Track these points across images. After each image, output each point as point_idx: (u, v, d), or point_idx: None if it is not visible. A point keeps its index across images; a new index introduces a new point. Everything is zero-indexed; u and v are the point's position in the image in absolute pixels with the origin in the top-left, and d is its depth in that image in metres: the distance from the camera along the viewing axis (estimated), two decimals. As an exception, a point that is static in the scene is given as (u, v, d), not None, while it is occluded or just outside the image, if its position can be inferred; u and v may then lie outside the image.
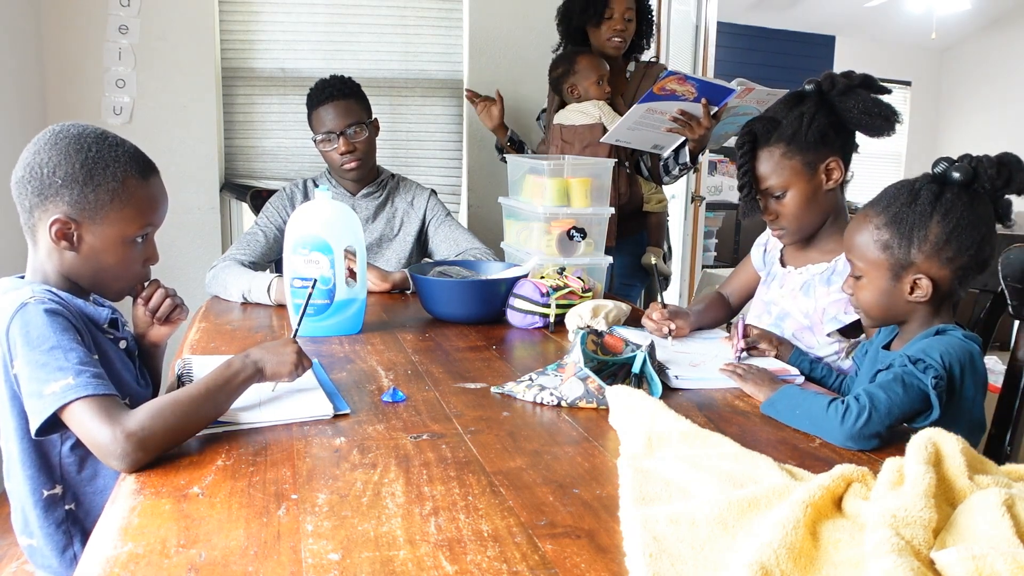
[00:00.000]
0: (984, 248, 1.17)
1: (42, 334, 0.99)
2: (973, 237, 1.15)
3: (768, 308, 1.63)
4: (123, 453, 0.91)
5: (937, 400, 1.08)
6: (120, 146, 1.14)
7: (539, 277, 1.73)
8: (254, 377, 1.09)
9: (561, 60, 2.45)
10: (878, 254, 1.20)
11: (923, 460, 0.83)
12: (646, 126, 2.20)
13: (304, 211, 1.60)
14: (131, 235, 1.15)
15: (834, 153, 1.48)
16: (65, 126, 1.12)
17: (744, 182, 1.51)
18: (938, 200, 1.16)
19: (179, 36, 2.85)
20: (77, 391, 0.94)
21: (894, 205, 1.19)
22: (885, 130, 1.46)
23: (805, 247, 1.58)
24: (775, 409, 1.16)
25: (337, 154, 2.08)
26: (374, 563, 0.73)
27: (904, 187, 1.21)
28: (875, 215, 1.21)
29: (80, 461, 1.13)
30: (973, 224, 1.15)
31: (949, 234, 1.15)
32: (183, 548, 0.75)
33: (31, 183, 1.09)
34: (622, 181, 2.40)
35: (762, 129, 1.50)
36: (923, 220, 1.16)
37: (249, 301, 1.85)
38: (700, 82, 2.09)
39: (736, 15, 6.46)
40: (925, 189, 1.18)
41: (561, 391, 1.20)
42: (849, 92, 1.46)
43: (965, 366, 1.12)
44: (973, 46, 7.57)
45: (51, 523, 1.12)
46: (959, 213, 1.15)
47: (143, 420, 0.93)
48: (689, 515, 0.78)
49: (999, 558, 0.66)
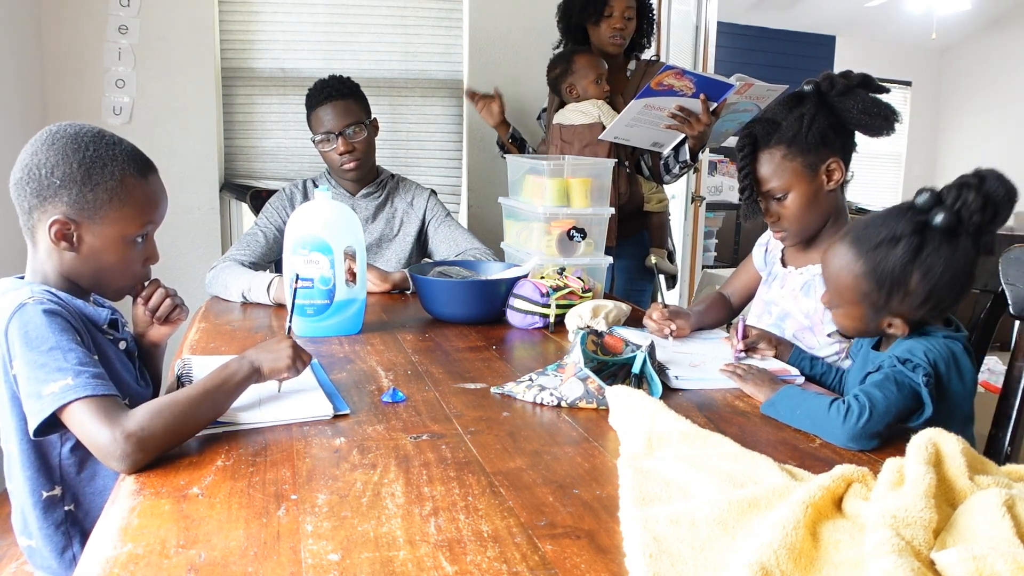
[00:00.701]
0: (963, 294, 1.17)
1: (41, 334, 0.99)
2: (952, 288, 1.15)
3: (768, 308, 1.63)
4: (123, 454, 0.91)
5: (929, 397, 1.09)
6: (118, 145, 1.14)
7: (539, 277, 1.73)
8: (252, 377, 1.09)
9: (559, 60, 2.44)
10: (856, 298, 1.20)
11: (923, 460, 0.83)
12: (644, 123, 2.18)
13: (304, 211, 1.60)
14: (131, 234, 1.14)
15: (835, 154, 1.48)
16: (62, 126, 1.12)
17: (745, 184, 1.51)
18: (919, 253, 1.14)
19: (179, 36, 2.85)
20: (76, 391, 0.94)
21: (876, 254, 1.16)
22: (885, 130, 1.46)
23: (806, 248, 1.59)
24: (775, 409, 1.16)
25: (336, 154, 2.08)
26: (374, 563, 0.73)
27: (887, 230, 1.17)
28: (854, 259, 1.19)
29: (80, 462, 1.13)
30: (955, 276, 1.14)
31: (929, 291, 1.14)
32: (183, 548, 0.75)
33: (29, 184, 1.09)
34: (622, 181, 2.38)
35: (762, 131, 1.50)
36: (904, 277, 1.15)
37: (249, 301, 1.85)
38: (698, 77, 2.07)
39: (736, 15, 6.46)
40: (905, 241, 1.14)
41: (561, 391, 1.20)
42: (848, 92, 1.46)
43: (949, 363, 1.14)
44: (973, 46, 7.56)
45: (50, 524, 1.12)
46: (941, 267, 1.13)
47: (142, 420, 0.93)
48: (689, 515, 0.78)
49: (999, 558, 0.66)
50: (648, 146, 2.33)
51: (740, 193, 1.54)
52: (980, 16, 6.97)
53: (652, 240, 2.59)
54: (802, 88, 1.51)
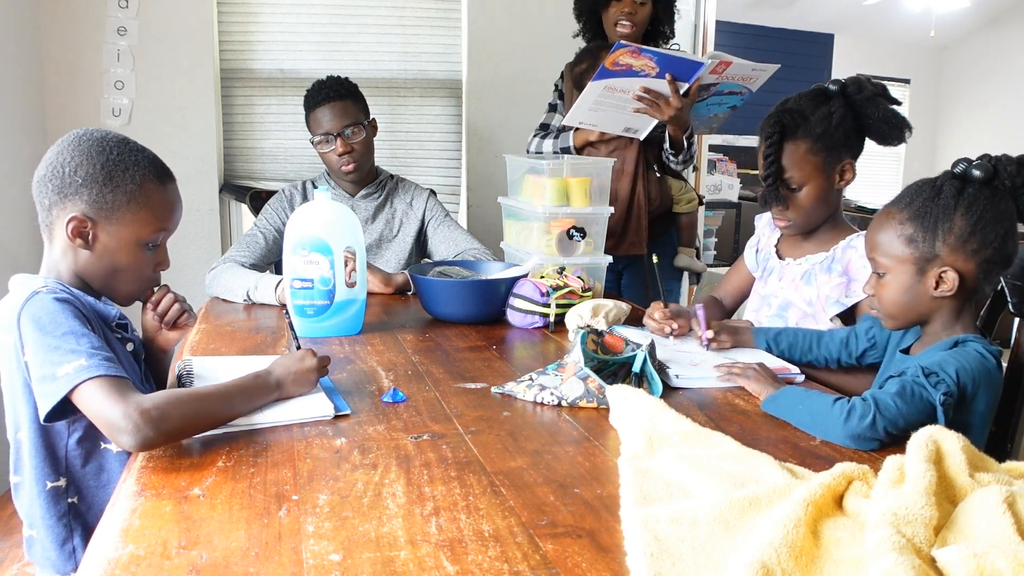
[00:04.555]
0: (1008, 242, 1.17)
1: (54, 319, 1.02)
2: (997, 231, 1.15)
3: (768, 301, 1.65)
4: (135, 427, 0.92)
5: (943, 416, 1.07)
6: (141, 152, 1.18)
7: (539, 277, 1.73)
8: (273, 394, 1.11)
9: (585, 55, 2.28)
10: (903, 249, 1.19)
11: (924, 458, 0.83)
12: (610, 106, 2.04)
13: (304, 212, 1.60)
14: (145, 238, 1.18)
15: (851, 156, 1.52)
16: (89, 130, 1.17)
17: (770, 172, 1.52)
18: (961, 195, 1.16)
19: (178, 37, 2.86)
20: (90, 371, 0.96)
21: (917, 201, 1.19)
22: (897, 140, 1.50)
23: (803, 240, 1.61)
24: (776, 405, 1.16)
25: (335, 155, 2.08)
26: (375, 563, 0.73)
27: (926, 184, 1.21)
28: (898, 212, 1.21)
29: (85, 454, 1.14)
30: (996, 218, 1.15)
31: (973, 226, 1.15)
32: (184, 550, 0.75)
33: (52, 181, 1.13)
34: (652, 186, 2.28)
35: (791, 122, 1.51)
36: (947, 213, 1.16)
37: (253, 301, 1.85)
38: (659, 55, 1.94)
39: (735, 14, 6.47)
40: (947, 185, 1.18)
41: (561, 391, 1.20)
42: (873, 99, 1.48)
43: (980, 382, 1.11)
44: (972, 44, 7.57)
45: (53, 515, 1.13)
46: (982, 206, 1.15)
47: (159, 401, 0.95)
48: (690, 514, 0.78)
49: (1000, 556, 0.66)
50: (620, 131, 2.21)
51: (763, 180, 1.54)
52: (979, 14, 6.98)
53: (681, 240, 2.49)
54: (827, 86, 1.52)
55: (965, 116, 7.76)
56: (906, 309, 1.22)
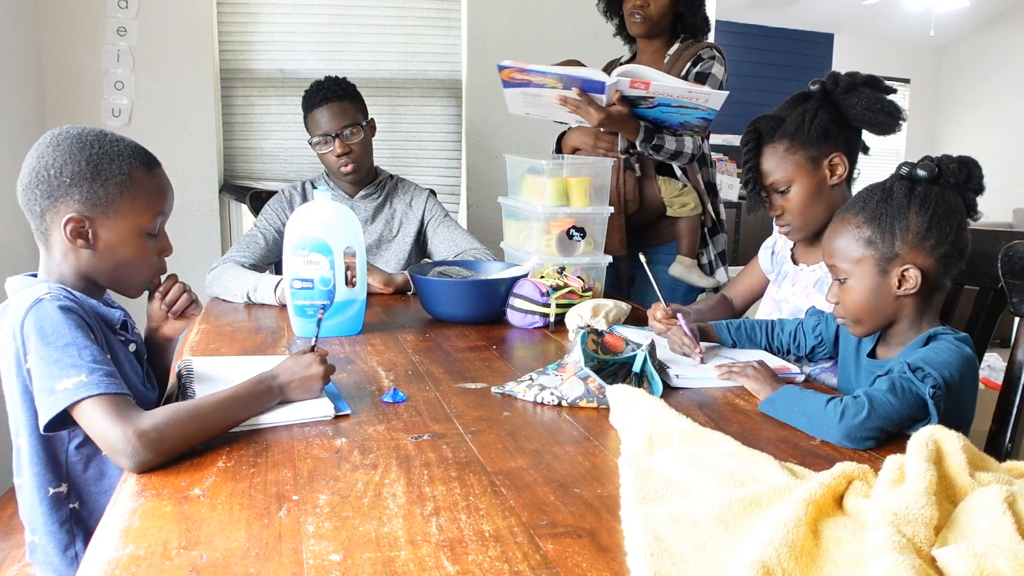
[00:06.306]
0: (962, 235, 1.19)
1: (56, 330, 1.00)
2: (951, 224, 1.18)
3: (779, 306, 1.65)
4: (133, 451, 0.92)
5: (935, 409, 1.08)
6: (121, 141, 1.16)
7: (539, 277, 1.73)
8: (276, 399, 1.11)
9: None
10: (862, 251, 1.21)
11: (924, 457, 0.83)
12: (542, 105, 2.04)
13: (304, 212, 1.60)
14: (144, 226, 1.17)
15: (838, 148, 1.51)
16: (63, 129, 1.14)
17: (749, 178, 1.55)
18: (912, 194, 1.19)
19: (177, 38, 2.86)
20: (89, 389, 0.95)
21: (870, 204, 1.22)
22: (889, 127, 1.48)
23: (815, 244, 1.60)
24: (774, 407, 1.16)
25: (333, 156, 2.08)
26: (375, 564, 0.73)
27: (876, 187, 1.24)
28: (852, 216, 1.23)
29: (86, 460, 1.14)
30: (948, 212, 1.18)
31: (929, 222, 1.17)
32: (184, 550, 0.75)
33: (39, 187, 1.11)
34: (628, 186, 2.18)
35: (766, 127, 1.53)
36: (902, 212, 1.19)
37: (253, 301, 1.85)
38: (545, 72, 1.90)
39: (735, 13, 6.46)
40: (897, 186, 1.21)
41: (562, 391, 1.20)
42: (852, 90, 1.48)
43: (963, 370, 1.12)
44: (971, 44, 7.57)
45: (55, 521, 1.13)
46: (934, 203, 1.18)
47: (158, 422, 0.94)
48: (690, 514, 0.78)
49: (1000, 555, 0.66)
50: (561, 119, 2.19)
51: (744, 186, 1.57)
52: (978, 14, 6.98)
53: (679, 248, 2.30)
54: (808, 87, 1.54)
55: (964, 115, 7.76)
56: (872, 312, 1.23)
